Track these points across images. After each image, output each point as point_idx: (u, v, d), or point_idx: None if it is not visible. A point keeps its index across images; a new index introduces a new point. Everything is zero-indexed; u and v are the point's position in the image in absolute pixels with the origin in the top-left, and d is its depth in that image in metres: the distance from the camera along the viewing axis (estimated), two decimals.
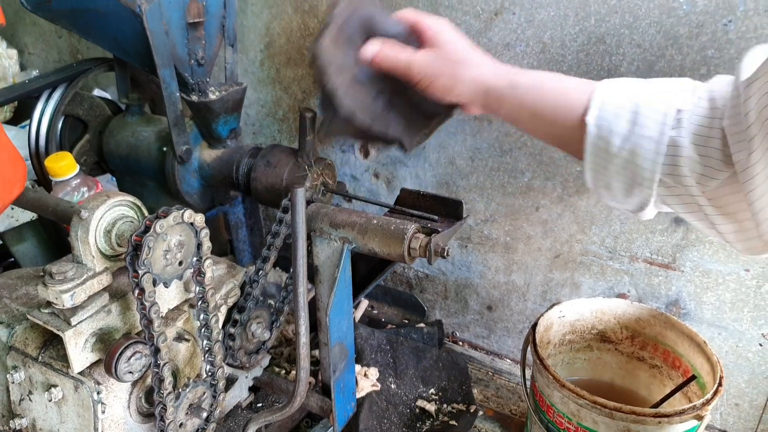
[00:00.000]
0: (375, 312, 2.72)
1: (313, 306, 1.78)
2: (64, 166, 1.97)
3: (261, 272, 1.74)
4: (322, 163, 1.95)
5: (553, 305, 1.88)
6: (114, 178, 2.57)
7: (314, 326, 1.79)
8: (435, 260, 1.58)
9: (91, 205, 1.28)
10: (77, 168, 2.00)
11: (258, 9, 2.55)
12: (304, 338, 1.45)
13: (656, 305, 2.05)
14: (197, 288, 1.41)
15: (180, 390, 1.40)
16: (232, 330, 1.67)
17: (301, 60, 2.57)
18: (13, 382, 1.31)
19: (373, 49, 1.30)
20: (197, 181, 2.20)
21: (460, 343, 2.61)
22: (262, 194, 2.19)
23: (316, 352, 2.20)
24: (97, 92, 3.08)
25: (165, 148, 2.13)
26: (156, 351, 1.29)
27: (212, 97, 1.98)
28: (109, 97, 2.71)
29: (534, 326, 1.77)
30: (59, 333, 1.22)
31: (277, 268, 2.97)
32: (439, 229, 1.71)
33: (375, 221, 1.64)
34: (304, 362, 1.45)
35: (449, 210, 1.81)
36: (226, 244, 2.91)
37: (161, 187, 2.24)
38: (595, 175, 1.18)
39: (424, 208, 1.85)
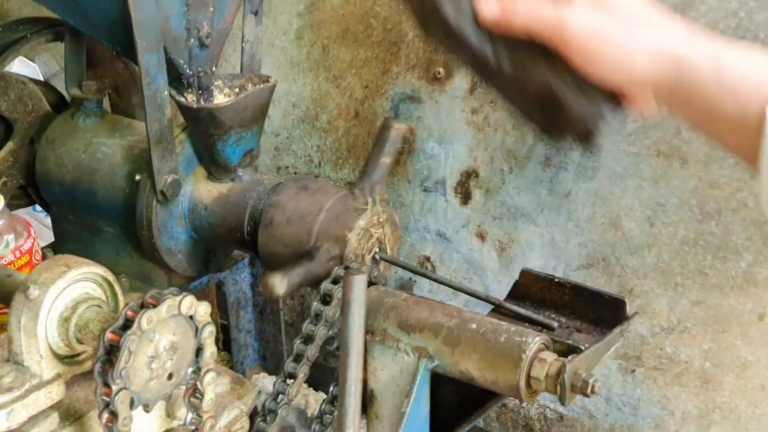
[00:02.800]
0: None
1: None
2: None
3: (282, 398, 2.00)
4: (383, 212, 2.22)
5: None
6: (47, 215, 2.92)
7: None
8: (571, 399, 1.80)
9: (44, 279, 1.57)
10: (1, 200, 2.33)
11: None
12: None
13: None
14: (190, 416, 1.68)
15: None
16: None
17: (365, 34, 2.89)
18: None
19: (496, 2, 1.51)
20: (185, 233, 2.51)
21: None
22: (275, 259, 2.38)
23: None
24: (23, 68, 3.49)
25: (138, 177, 2.43)
26: None
27: (220, 99, 2.29)
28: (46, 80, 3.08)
29: None
30: None
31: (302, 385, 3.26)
32: (582, 346, 1.92)
33: (474, 325, 1.88)
34: None
35: (602, 312, 2.03)
36: (217, 331, 3.21)
37: (126, 237, 2.55)
38: None
39: (560, 306, 2.08)
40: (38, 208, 3.32)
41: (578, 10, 1.45)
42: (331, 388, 2.05)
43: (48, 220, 2.93)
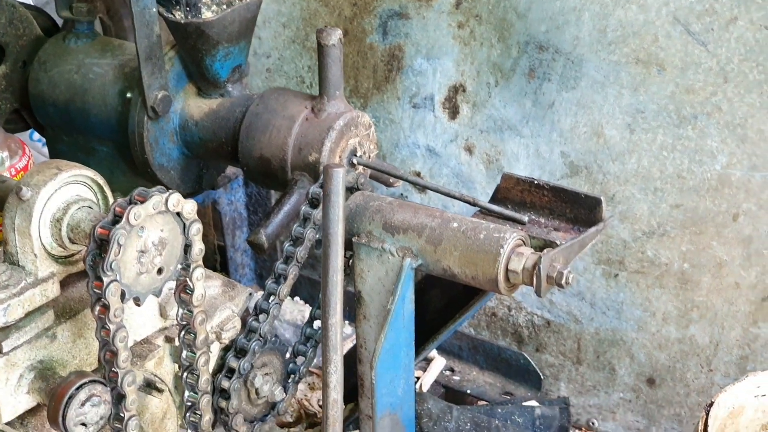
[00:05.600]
0: (456, 377, 3.04)
1: (353, 359, 2.11)
2: None
3: (273, 298, 2.09)
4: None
5: (748, 376, 2.13)
6: (42, 140, 2.98)
7: (355, 390, 2.11)
8: (547, 291, 1.88)
9: (36, 181, 1.65)
10: None
11: None
12: (334, 395, 1.78)
13: None
14: (180, 311, 1.77)
15: None
16: (226, 382, 2.03)
17: None
18: None
19: None
20: (177, 149, 2.58)
21: None
22: (254, 170, 2.45)
23: None
24: None
25: (129, 94, 2.50)
26: (120, 398, 1.65)
27: (207, 15, 2.33)
28: (38, 5, 3.11)
29: (708, 408, 2.04)
30: None
31: (297, 299, 3.35)
32: (558, 242, 2.00)
33: (455, 224, 1.96)
34: (335, 431, 1.78)
35: (579, 211, 2.10)
36: (213, 252, 3.31)
37: (119, 156, 2.63)
38: None
39: (540, 207, 2.15)
40: (36, 136, 3.40)
41: None
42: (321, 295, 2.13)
43: (45, 149, 2.99)
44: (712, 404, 2.04)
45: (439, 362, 3.03)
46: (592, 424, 2.90)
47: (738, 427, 2.16)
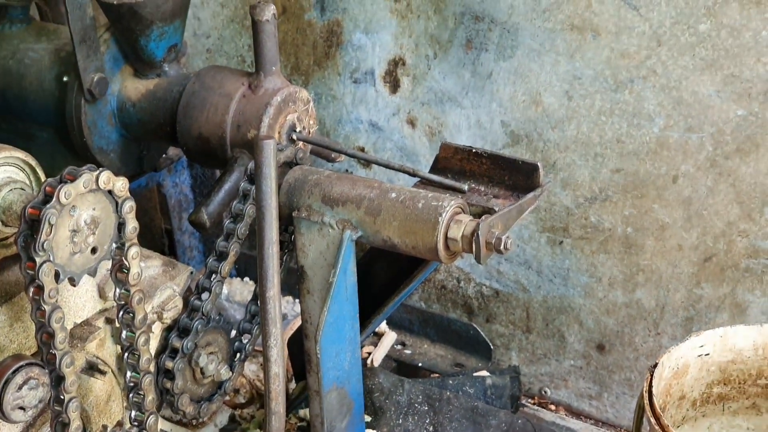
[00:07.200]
0: (408, 351, 3.05)
1: (300, 337, 2.11)
2: None
3: (215, 276, 2.09)
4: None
5: (691, 336, 2.17)
6: None
7: (303, 370, 2.12)
8: (487, 257, 1.90)
9: None
10: None
11: None
12: (275, 368, 1.79)
13: None
14: (118, 291, 1.76)
15: None
16: (170, 362, 2.03)
17: None
18: None
19: None
20: (116, 131, 2.57)
21: (552, 406, 2.92)
22: (194, 149, 2.44)
23: (306, 412, 2.55)
24: None
25: (66, 78, 2.49)
26: (59, 380, 1.65)
27: None
28: None
29: (653, 369, 2.07)
30: None
31: (247, 279, 3.35)
32: (497, 208, 2.02)
33: (393, 194, 1.97)
34: (276, 405, 1.79)
35: (517, 178, 2.12)
36: (161, 236, 3.29)
37: (59, 140, 2.60)
38: None
39: (479, 175, 2.17)
40: None
41: None
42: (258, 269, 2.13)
43: None
44: (656, 365, 2.07)
45: (389, 337, 3.04)
46: (544, 392, 2.93)
47: (683, 387, 2.19)
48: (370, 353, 2.99)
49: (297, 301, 3.09)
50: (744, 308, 2.49)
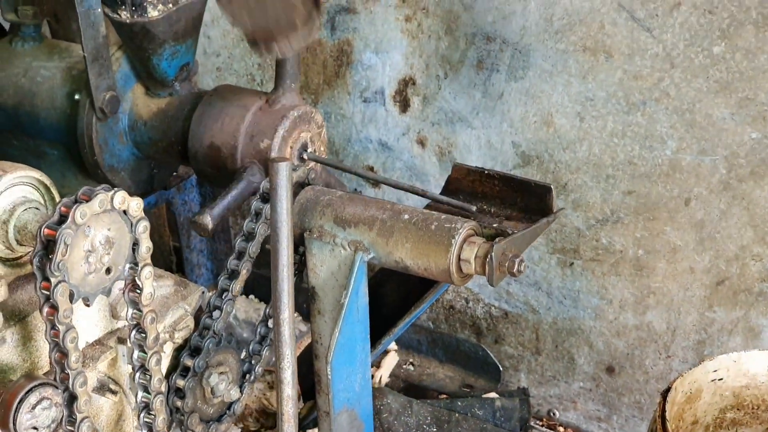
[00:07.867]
0: (415, 371, 3.04)
1: (310, 356, 2.10)
2: None
3: (226, 295, 2.08)
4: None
5: (704, 360, 2.16)
6: None
7: (312, 390, 2.11)
8: (500, 280, 1.89)
9: None
10: None
11: None
12: (288, 390, 1.78)
13: None
14: (130, 311, 1.75)
15: None
16: (181, 381, 2.01)
17: None
18: None
19: None
20: (127, 150, 2.56)
21: (561, 428, 2.90)
22: (203, 161, 2.44)
23: None
24: None
25: (77, 96, 2.48)
26: (71, 399, 1.63)
27: (153, 14, 2.32)
28: None
29: (666, 394, 2.06)
30: None
31: (252, 297, 3.34)
32: (510, 231, 2.01)
33: (406, 216, 1.96)
34: (290, 427, 1.78)
35: (530, 200, 2.11)
36: (170, 253, 3.29)
37: (70, 158, 2.60)
38: None
39: (491, 197, 2.16)
40: None
41: None
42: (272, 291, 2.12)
43: None
44: (669, 390, 2.06)
45: (392, 357, 3.02)
46: (553, 414, 2.91)
47: (696, 412, 2.18)
48: (372, 375, 2.97)
49: (301, 318, 3.08)
50: (757, 332, 2.48)
